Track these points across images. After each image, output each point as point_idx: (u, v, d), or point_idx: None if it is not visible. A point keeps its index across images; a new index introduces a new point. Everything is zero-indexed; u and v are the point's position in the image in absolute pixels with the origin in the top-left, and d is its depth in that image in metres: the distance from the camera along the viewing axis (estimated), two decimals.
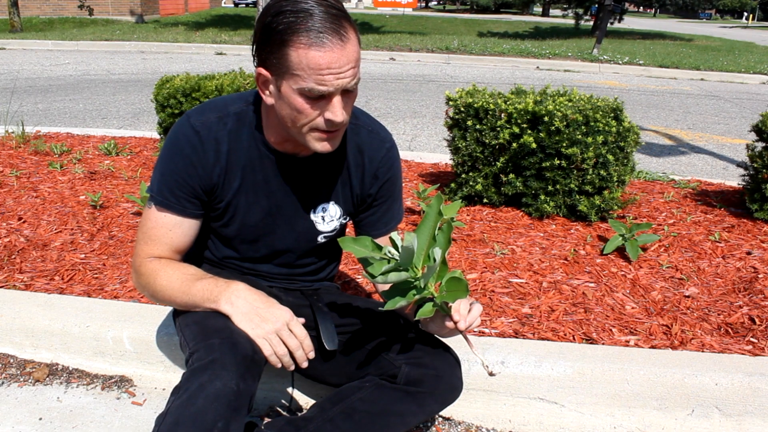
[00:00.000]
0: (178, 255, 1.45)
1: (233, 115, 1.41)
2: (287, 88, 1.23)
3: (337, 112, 1.24)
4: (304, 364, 1.35)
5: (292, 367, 1.34)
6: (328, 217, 1.52)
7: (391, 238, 1.30)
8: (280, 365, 1.33)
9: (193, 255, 1.56)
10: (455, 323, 1.28)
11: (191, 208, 1.41)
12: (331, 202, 1.51)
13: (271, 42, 1.21)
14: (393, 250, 1.26)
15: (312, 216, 1.51)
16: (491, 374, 1.31)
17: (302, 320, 1.36)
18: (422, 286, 1.27)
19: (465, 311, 1.29)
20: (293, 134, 1.31)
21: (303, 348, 1.33)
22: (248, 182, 1.43)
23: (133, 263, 1.45)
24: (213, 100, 1.45)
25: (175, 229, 1.41)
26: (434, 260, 1.24)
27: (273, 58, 1.22)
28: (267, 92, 1.30)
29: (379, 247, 1.29)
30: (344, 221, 1.56)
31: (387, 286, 1.44)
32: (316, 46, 1.17)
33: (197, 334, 1.33)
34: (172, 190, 1.38)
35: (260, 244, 1.52)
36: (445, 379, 1.42)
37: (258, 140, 1.41)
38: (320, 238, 1.55)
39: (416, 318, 1.30)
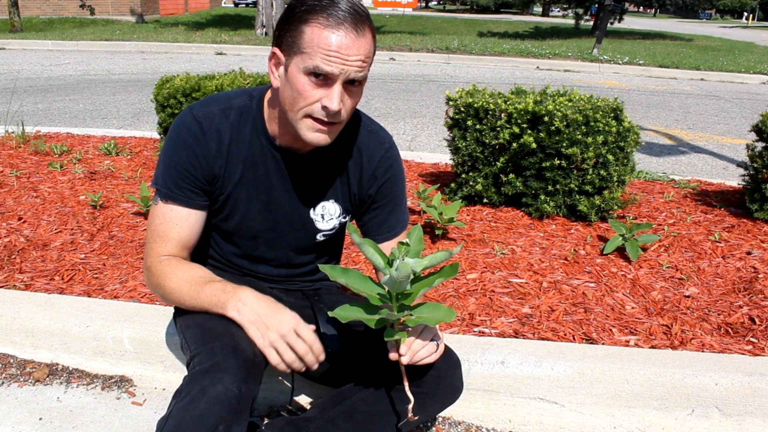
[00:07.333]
0: (186, 251, 1.44)
1: (236, 108, 1.42)
2: (294, 67, 1.25)
3: (333, 98, 1.24)
4: (315, 367, 1.33)
5: (303, 370, 1.33)
6: (327, 216, 1.52)
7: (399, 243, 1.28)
8: (289, 371, 1.32)
9: (199, 253, 1.56)
10: (399, 355, 1.28)
11: (196, 199, 1.41)
12: (331, 200, 1.51)
13: (291, 20, 1.25)
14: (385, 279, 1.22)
15: (311, 214, 1.51)
16: (411, 419, 1.30)
17: (312, 327, 1.33)
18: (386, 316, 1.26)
19: (418, 346, 1.29)
20: (291, 120, 1.31)
21: (312, 352, 1.30)
22: (249, 176, 1.43)
23: (144, 262, 1.45)
24: (216, 94, 1.46)
25: (182, 223, 1.41)
26: (410, 301, 1.25)
27: (288, 36, 1.26)
28: (276, 74, 1.32)
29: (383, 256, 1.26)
30: (344, 220, 1.55)
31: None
32: (331, 28, 1.21)
33: (198, 337, 1.33)
34: (176, 182, 1.39)
35: (259, 240, 1.52)
36: (446, 379, 1.42)
37: (260, 134, 1.42)
38: (319, 236, 1.55)
39: (385, 338, 1.29)
